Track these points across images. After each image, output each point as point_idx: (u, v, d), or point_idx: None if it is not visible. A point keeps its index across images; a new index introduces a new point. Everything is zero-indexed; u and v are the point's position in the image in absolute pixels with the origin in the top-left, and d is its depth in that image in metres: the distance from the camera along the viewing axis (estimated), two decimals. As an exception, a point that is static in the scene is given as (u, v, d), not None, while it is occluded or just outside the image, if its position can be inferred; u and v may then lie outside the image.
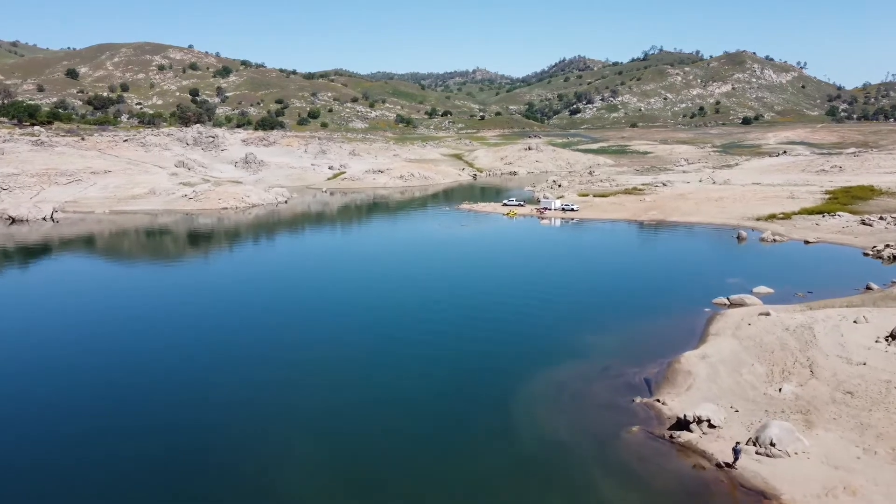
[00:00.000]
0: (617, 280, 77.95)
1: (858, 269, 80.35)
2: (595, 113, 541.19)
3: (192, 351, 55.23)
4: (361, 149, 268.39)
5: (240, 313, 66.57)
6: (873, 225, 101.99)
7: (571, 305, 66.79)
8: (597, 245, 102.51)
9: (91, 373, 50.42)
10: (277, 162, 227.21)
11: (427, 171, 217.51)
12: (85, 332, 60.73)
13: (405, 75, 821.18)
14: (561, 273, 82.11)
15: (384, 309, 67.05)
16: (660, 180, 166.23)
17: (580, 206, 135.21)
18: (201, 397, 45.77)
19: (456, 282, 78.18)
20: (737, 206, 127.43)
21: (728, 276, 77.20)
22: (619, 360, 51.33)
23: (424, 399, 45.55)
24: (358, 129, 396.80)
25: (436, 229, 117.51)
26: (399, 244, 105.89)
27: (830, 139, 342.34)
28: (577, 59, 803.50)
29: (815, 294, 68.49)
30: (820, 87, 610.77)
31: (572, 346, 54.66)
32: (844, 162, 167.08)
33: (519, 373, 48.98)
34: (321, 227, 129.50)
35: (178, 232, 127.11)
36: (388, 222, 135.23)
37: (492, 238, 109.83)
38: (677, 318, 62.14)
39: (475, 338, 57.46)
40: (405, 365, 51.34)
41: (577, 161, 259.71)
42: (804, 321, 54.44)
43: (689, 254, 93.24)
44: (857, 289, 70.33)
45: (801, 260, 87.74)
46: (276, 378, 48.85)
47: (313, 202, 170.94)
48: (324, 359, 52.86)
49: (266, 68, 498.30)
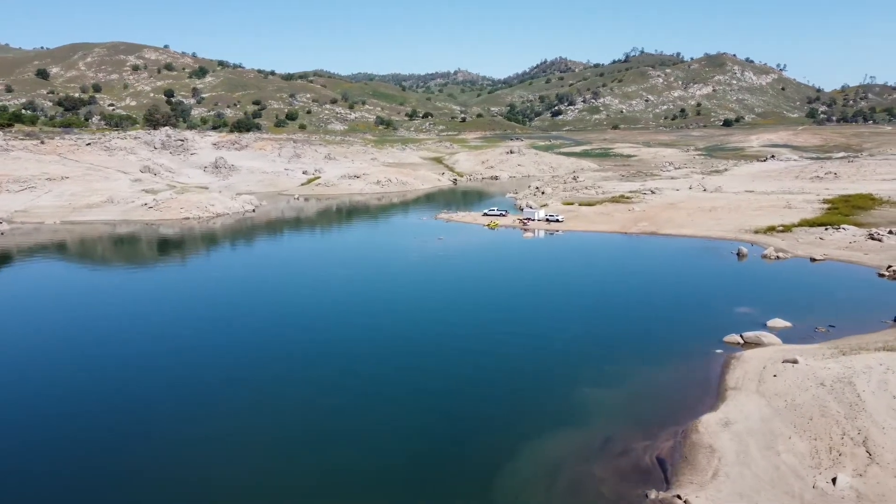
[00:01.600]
0: (612, 310, 68.14)
1: (877, 295, 71.32)
2: (577, 115, 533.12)
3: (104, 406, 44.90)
4: (338, 152, 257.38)
5: (159, 359, 56.03)
6: (883, 240, 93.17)
7: (562, 345, 56.85)
8: (586, 264, 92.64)
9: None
10: (249, 166, 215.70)
11: (405, 177, 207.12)
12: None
13: (386, 76, 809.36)
14: (547, 301, 72.15)
15: (332, 358, 56.73)
16: (648, 187, 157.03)
17: (565, 217, 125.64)
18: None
19: (426, 315, 67.92)
20: (732, 216, 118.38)
21: (735, 303, 67.82)
22: (624, 426, 41.54)
23: (370, 490, 35.44)
24: (337, 131, 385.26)
25: (410, 245, 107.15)
26: (366, 264, 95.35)
27: (813, 142, 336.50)
28: (558, 60, 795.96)
29: (839, 328, 59.23)
30: (799, 89, 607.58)
31: (566, 404, 44.79)
32: (839, 168, 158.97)
33: (500, 448, 38.98)
34: (283, 243, 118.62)
35: (123, 247, 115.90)
36: (358, 236, 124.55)
37: (470, 256, 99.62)
38: (686, 361, 52.46)
39: (444, 392, 47.45)
40: (346, 450, 41.19)
41: (561, 165, 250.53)
42: (841, 373, 44.90)
43: (687, 275, 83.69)
44: (885, 321, 61.16)
45: (811, 282, 78.53)
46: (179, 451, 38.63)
47: (283, 211, 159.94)
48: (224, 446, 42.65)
49: (243, 69, 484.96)
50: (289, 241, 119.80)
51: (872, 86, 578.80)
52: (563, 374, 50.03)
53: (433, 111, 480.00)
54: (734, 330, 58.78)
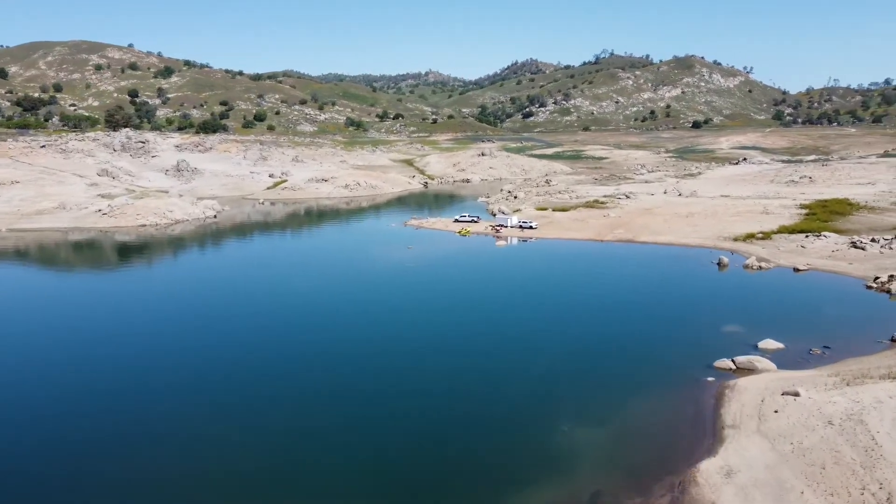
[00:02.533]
0: (592, 330, 63.02)
1: (868, 310, 67.45)
2: (548, 116, 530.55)
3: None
4: (306, 155, 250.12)
5: (82, 386, 49.66)
6: (866, 248, 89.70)
7: (539, 374, 51.58)
8: (561, 276, 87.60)
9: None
10: (213, 169, 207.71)
11: (375, 180, 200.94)
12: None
13: (357, 77, 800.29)
14: (521, 322, 66.84)
15: (279, 388, 50.88)
16: (622, 191, 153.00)
17: (539, 223, 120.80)
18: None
19: (388, 339, 62.23)
20: (709, 222, 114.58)
21: (722, 321, 63.28)
22: (613, 475, 36.44)
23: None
24: (306, 133, 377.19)
25: (377, 255, 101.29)
26: (329, 277, 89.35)
27: (781, 144, 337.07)
28: (529, 61, 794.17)
29: (834, 350, 54.92)
30: (766, 91, 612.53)
31: (543, 450, 39.48)
32: (814, 172, 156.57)
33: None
34: (241, 253, 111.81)
35: (68, 257, 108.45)
36: (323, 245, 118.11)
37: (440, 267, 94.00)
38: (675, 391, 47.61)
39: (405, 432, 41.95)
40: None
41: (533, 168, 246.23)
42: (849, 409, 40.28)
43: (668, 289, 79.03)
44: (881, 341, 57.03)
45: (797, 296, 74.36)
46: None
47: (247, 217, 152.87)
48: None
49: (211, 69, 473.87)
50: (247, 250, 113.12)
51: (836, 88, 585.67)
52: (540, 411, 44.73)
53: (404, 112, 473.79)
54: (724, 352, 54.15)
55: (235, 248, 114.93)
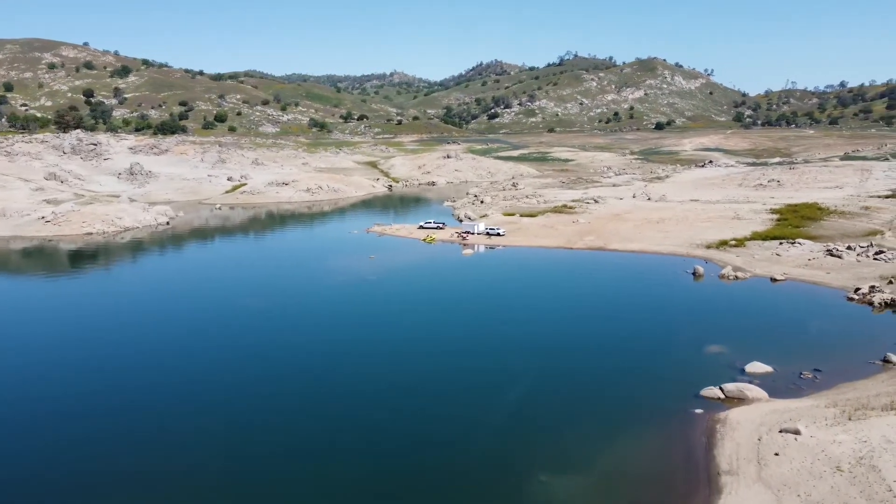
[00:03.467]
0: (564, 353, 57.93)
1: (854, 325, 63.85)
2: (513, 118, 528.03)
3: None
4: (267, 157, 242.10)
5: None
6: (843, 256, 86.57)
7: (509, 407, 46.36)
8: (531, 289, 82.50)
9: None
10: (168, 173, 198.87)
11: (338, 183, 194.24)
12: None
13: (321, 77, 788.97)
14: (488, 341, 61.70)
15: (222, 420, 44.94)
16: (590, 196, 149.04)
17: (507, 229, 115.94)
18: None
19: (342, 363, 56.62)
20: (680, 229, 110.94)
21: (703, 339, 58.90)
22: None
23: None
24: (268, 134, 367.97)
25: (337, 265, 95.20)
26: (283, 292, 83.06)
27: (743, 145, 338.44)
28: (494, 63, 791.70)
29: (826, 373, 50.85)
30: (726, 93, 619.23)
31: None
32: (781, 175, 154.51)
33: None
34: (190, 265, 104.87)
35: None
36: (280, 254, 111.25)
37: (402, 280, 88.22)
38: (661, 427, 42.83)
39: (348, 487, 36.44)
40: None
41: (499, 170, 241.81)
42: (857, 450, 35.92)
43: (643, 302, 74.50)
44: (872, 362, 53.18)
45: (778, 309, 70.41)
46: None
47: (202, 223, 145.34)
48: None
49: (170, 68, 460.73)
50: (196, 262, 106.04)
51: (794, 91, 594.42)
52: (512, 457, 39.49)
53: (369, 113, 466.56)
54: (710, 378, 49.66)
55: (183, 260, 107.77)
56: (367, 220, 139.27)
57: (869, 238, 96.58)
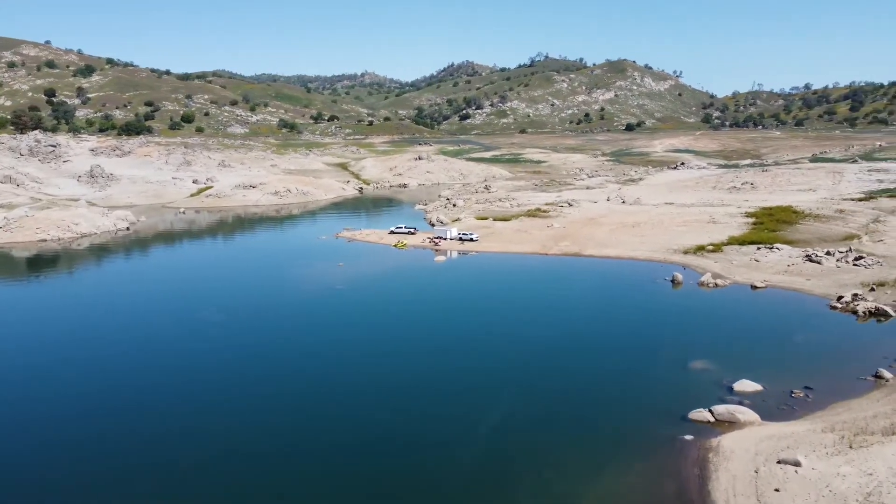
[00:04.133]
0: (540, 370, 54.57)
1: (840, 336, 61.48)
2: (485, 118, 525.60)
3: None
4: (234, 159, 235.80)
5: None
6: (822, 262, 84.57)
7: (483, 440, 42.74)
8: (506, 299, 78.90)
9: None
10: (131, 175, 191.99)
11: (307, 186, 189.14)
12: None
13: (291, 78, 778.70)
14: (461, 358, 58.05)
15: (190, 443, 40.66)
16: (564, 199, 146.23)
17: (480, 234, 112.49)
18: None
19: (307, 384, 52.59)
20: (656, 233, 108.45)
21: (687, 354, 55.89)
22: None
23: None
24: (237, 135, 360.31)
25: (304, 274, 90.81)
26: (248, 304, 78.65)
27: (712, 146, 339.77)
28: (465, 64, 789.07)
29: (817, 391, 48.17)
30: (695, 94, 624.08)
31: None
32: (755, 178, 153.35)
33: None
34: (150, 274, 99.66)
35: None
36: (245, 263, 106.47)
37: (372, 289, 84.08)
38: (649, 457, 39.51)
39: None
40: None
41: (471, 172, 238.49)
42: (863, 484, 32.95)
43: (623, 313, 71.46)
44: (863, 377, 50.64)
45: (761, 319, 67.77)
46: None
47: (164, 228, 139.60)
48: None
49: (135, 67, 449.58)
50: (156, 270, 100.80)
51: (760, 92, 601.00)
52: (487, 498, 35.90)
53: (339, 114, 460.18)
54: (696, 397, 46.66)
55: (141, 268, 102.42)
56: (337, 224, 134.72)
57: (847, 242, 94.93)
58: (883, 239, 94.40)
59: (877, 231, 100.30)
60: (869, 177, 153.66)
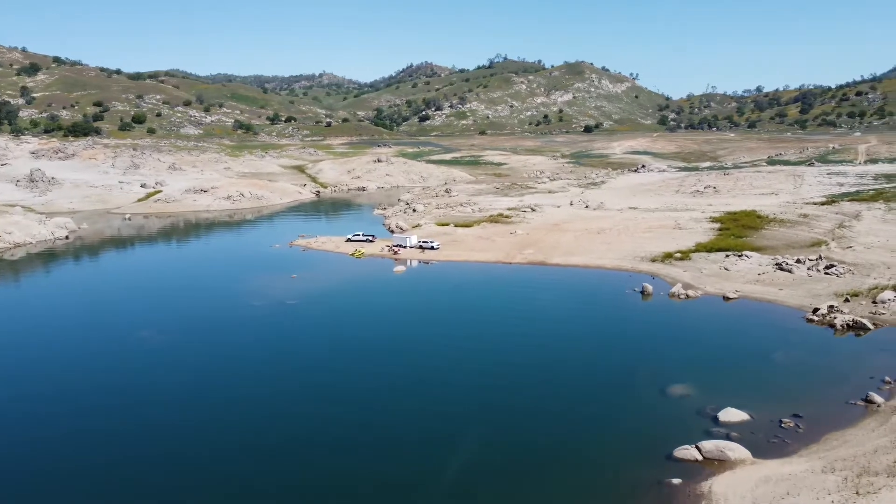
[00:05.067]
0: (507, 401, 49.55)
1: (821, 352, 58.18)
2: (445, 120, 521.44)
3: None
4: (186, 161, 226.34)
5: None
6: (793, 271, 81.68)
7: (445, 485, 37.66)
8: (468, 313, 73.89)
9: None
10: (75, 179, 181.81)
11: (261, 190, 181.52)
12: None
13: (248, 78, 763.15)
14: (419, 385, 52.88)
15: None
16: (527, 203, 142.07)
17: (441, 242, 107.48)
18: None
19: (248, 417, 46.78)
20: (622, 239, 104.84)
21: (665, 378, 51.65)
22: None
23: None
24: (190, 136, 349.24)
25: (253, 287, 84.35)
26: (188, 323, 72.20)
27: (670, 148, 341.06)
28: (424, 65, 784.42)
29: (807, 419, 44.35)
30: (651, 97, 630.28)
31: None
32: (717, 181, 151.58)
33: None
34: (84, 287, 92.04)
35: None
36: (190, 274, 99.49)
37: (326, 304, 78.03)
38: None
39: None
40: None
41: (431, 174, 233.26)
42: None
43: (592, 330, 67.22)
44: (853, 402, 47.02)
45: (736, 334, 64.08)
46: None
47: (107, 236, 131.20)
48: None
49: (84, 66, 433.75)
50: (93, 283, 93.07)
51: (714, 95, 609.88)
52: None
53: (297, 115, 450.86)
54: (681, 431, 42.38)
55: (76, 281, 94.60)
56: (292, 230, 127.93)
57: (815, 249, 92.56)
58: (851, 245, 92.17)
59: (843, 237, 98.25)
60: (829, 180, 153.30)
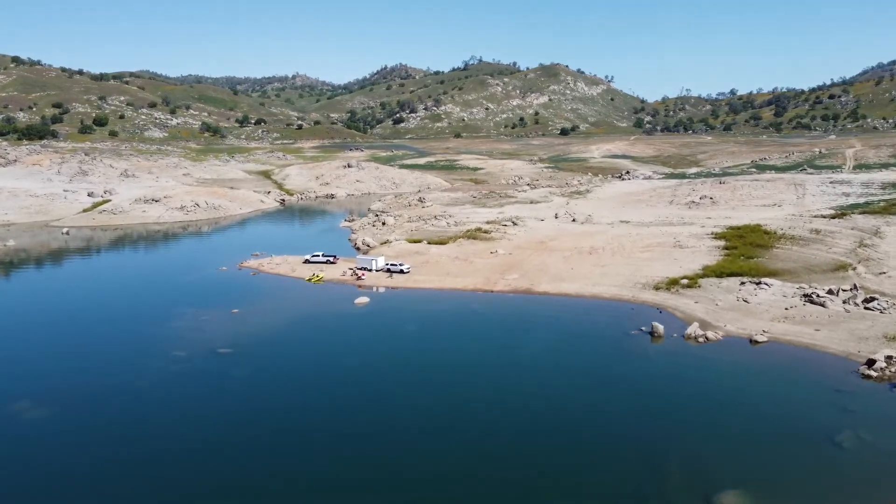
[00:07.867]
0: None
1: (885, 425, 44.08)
2: (419, 122, 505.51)
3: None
4: (141, 167, 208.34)
5: None
6: (826, 304, 67.90)
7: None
8: (437, 364, 58.87)
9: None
10: (13, 188, 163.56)
11: (219, 199, 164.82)
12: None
13: (219, 79, 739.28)
14: (375, 472, 37.84)
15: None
16: (507, 216, 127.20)
17: (412, 263, 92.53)
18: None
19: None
20: (618, 261, 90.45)
21: (697, 477, 37.34)
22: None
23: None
24: (154, 139, 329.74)
25: (182, 325, 68.40)
26: (76, 392, 56.27)
27: (648, 152, 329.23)
28: (398, 67, 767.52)
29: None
30: (626, 99, 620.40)
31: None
32: (713, 191, 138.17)
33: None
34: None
35: None
36: (108, 307, 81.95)
37: (268, 351, 62.69)
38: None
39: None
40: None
41: (404, 180, 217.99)
42: None
43: (592, 392, 52.63)
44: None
45: (778, 400, 49.68)
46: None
47: (37, 252, 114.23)
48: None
49: (43, 66, 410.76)
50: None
51: (688, 97, 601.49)
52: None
53: (267, 117, 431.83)
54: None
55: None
56: (246, 247, 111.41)
57: (840, 274, 79.12)
58: (885, 271, 78.73)
59: (870, 259, 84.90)
60: (832, 189, 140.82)
